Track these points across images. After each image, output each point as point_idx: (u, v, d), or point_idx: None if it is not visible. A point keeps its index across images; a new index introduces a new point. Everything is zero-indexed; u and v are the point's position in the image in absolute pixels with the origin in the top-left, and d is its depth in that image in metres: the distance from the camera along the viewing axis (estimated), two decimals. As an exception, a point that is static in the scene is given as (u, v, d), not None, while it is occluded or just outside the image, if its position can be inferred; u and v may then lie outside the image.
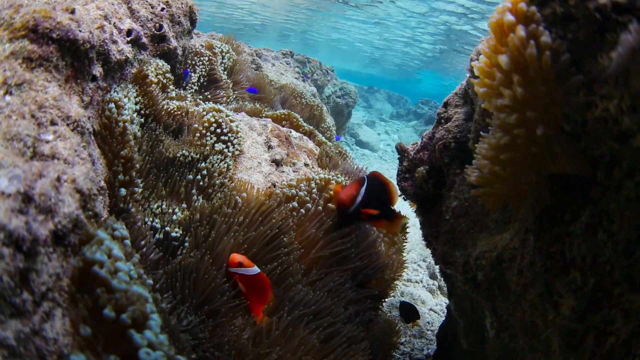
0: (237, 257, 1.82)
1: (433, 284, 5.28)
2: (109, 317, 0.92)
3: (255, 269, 1.82)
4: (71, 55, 1.47)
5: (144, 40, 2.41)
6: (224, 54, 3.86)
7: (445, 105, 2.54)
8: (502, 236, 1.89)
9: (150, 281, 1.14)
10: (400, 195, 2.93)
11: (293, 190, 2.20)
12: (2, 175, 0.90)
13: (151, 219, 1.99)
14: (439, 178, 2.54)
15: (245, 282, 1.83)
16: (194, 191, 2.09)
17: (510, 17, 1.04)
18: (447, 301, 4.78)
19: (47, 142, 1.17)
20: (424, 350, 3.92)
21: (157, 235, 1.96)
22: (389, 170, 11.21)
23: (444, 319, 4.17)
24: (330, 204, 2.24)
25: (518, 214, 1.62)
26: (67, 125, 1.28)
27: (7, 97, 1.19)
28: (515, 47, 1.01)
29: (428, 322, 4.41)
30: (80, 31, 1.45)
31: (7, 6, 1.50)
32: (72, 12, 1.51)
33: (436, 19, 13.55)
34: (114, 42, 1.93)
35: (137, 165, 1.81)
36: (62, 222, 0.95)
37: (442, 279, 5.23)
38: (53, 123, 1.24)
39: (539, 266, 1.43)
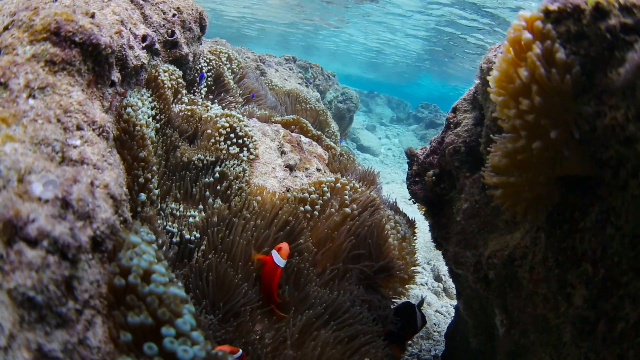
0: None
1: (438, 286, 5.31)
2: (147, 322, 0.92)
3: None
4: (93, 60, 1.48)
5: (157, 46, 2.43)
6: (232, 60, 3.89)
7: (454, 110, 2.58)
8: (512, 236, 1.93)
9: (180, 284, 1.15)
10: (410, 199, 2.96)
11: (307, 194, 2.22)
12: (36, 181, 0.88)
13: (168, 222, 2.01)
14: (449, 181, 2.57)
15: None
16: (207, 193, 2.10)
17: (527, 35, 1.12)
18: (452, 303, 4.80)
19: (75, 147, 1.18)
20: (431, 351, 3.95)
21: (174, 239, 1.97)
22: (390, 175, 11.24)
23: (450, 320, 4.19)
24: (346, 209, 2.26)
25: (530, 214, 1.67)
26: (93, 130, 1.29)
27: (31, 101, 1.19)
28: (533, 62, 1.09)
29: (434, 324, 4.43)
30: (102, 36, 1.47)
31: (22, 8, 1.50)
32: (92, 16, 1.53)
33: (435, 24, 13.63)
34: (131, 47, 1.95)
35: (155, 169, 1.82)
36: (100, 228, 0.96)
37: (446, 281, 5.25)
38: (79, 128, 1.25)
39: (551, 261, 1.50)
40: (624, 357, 1.19)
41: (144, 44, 2.22)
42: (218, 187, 2.11)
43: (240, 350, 1.73)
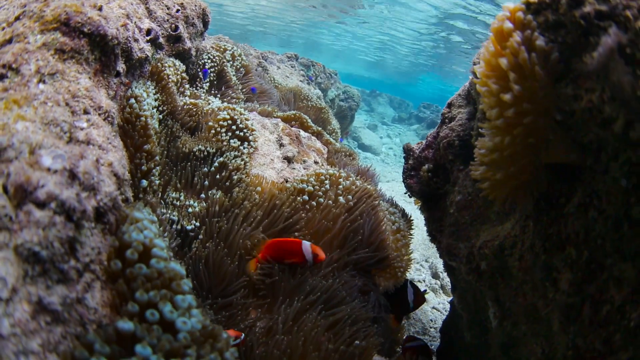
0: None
1: (435, 283, 5.36)
2: (151, 297, 0.99)
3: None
4: (100, 50, 1.56)
5: (161, 40, 2.50)
6: (234, 57, 3.96)
7: (449, 105, 2.64)
8: (503, 226, 1.98)
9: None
10: (405, 193, 3.02)
11: (304, 185, 2.28)
12: (45, 155, 0.96)
13: (169, 211, 2.07)
14: (443, 175, 2.63)
15: None
16: (206, 183, 2.17)
17: (509, 25, 1.18)
18: (450, 300, 4.85)
19: (82, 129, 1.25)
20: (427, 347, 3.96)
21: (174, 227, 2.04)
22: (391, 173, 11.28)
23: (446, 316, 4.25)
24: (340, 198, 2.32)
25: (519, 204, 1.72)
26: (99, 115, 1.37)
27: (41, 85, 1.27)
28: (513, 49, 1.15)
29: (431, 320, 4.47)
30: (109, 27, 1.54)
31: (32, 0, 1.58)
32: (100, 9, 1.60)
33: (437, 23, 13.67)
34: (136, 40, 2.02)
35: (157, 158, 1.89)
36: (103, 200, 1.03)
37: (444, 278, 5.30)
38: (86, 112, 1.32)
39: (538, 247, 1.54)
40: (611, 341, 1.21)
41: (148, 38, 2.29)
42: (218, 177, 2.18)
43: (243, 335, 1.79)
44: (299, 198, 2.22)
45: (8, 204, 0.80)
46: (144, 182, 1.80)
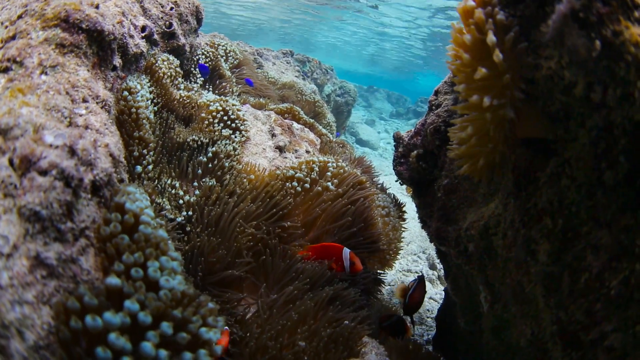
0: None
1: (433, 274, 5.43)
2: (137, 259, 1.07)
3: None
4: (97, 45, 1.65)
5: (156, 36, 2.59)
6: (228, 52, 4.05)
7: (436, 93, 2.71)
8: (488, 207, 2.03)
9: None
10: (397, 181, 3.10)
11: (294, 172, 2.37)
12: (47, 134, 1.07)
13: (163, 199, 2.16)
14: (431, 160, 2.70)
15: None
16: (200, 172, 2.25)
17: (471, 3, 1.25)
18: (444, 289, 4.93)
19: (81, 115, 1.35)
20: (424, 336, 4.01)
21: (168, 215, 2.12)
22: (389, 167, 11.36)
23: (440, 304, 4.32)
24: (329, 185, 2.40)
25: (499, 181, 1.78)
26: (97, 103, 1.46)
27: (43, 76, 1.37)
28: (479, 21, 1.21)
29: (428, 310, 4.53)
30: (105, 24, 1.64)
31: (33, -1, 1.67)
32: (97, 7, 1.70)
33: (434, 18, 13.72)
34: (131, 36, 2.11)
35: (152, 145, 1.98)
36: (99, 175, 1.13)
37: (441, 268, 5.39)
38: (85, 100, 1.42)
39: (517, 223, 1.57)
40: (592, 311, 1.20)
41: (143, 34, 2.38)
42: (210, 166, 2.26)
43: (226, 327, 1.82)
44: (288, 184, 2.30)
45: (13, 174, 0.89)
46: (139, 168, 1.89)
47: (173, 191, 2.18)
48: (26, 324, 0.85)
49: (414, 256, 5.96)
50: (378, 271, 2.83)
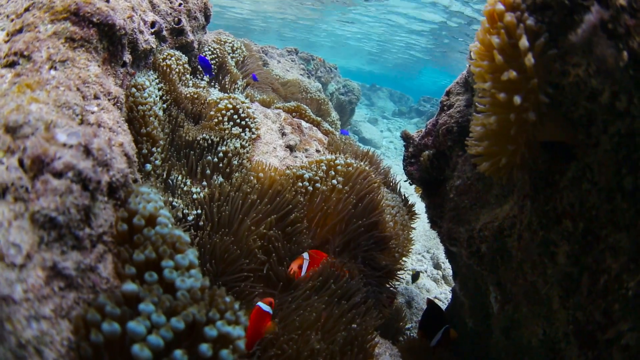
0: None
1: (437, 274, 5.41)
2: (150, 257, 1.03)
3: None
4: (108, 40, 1.60)
5: (164, 32, 2.55)
6: (234, 49, 4.01)
7: (448, 93, 2.67)
8: (502, 208, 2.01)
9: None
10: (406, 181, 3.07)
11: (304, 171, 2.33)
12: (60, 132, 1.00)
13: (173, 198, 2.12)
14: (443, 161, 2.67)
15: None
16: (208, 172, 2.22)
17: (500, 6, 1.24)
18: (451, 288, 4.90)
19: (93, 112, 1.30)
20: (429, 335, 3.98)
21: (178, 214, 2.08)
22: (392, 167, 11.33)
23: (448, 304, 4.29)
24: (339, 185, 2.37)
25: (517, 183, 1.75)
26: (109, 100, 1.42)
27: (52, 72, 1.32)
28: (510, 25, 1.20)
29: (433, 309, 4.51)
30: (117, 18, 1.59)
31: (41, -9, 1.62)
32: (107, 0, 1.65)
33: (437, 16, 13.67)
34: (141, 32, 2.07)
35: (161, 143, 1.94)
36: (115, 176, 1.08)
37: (445, 269, 5.36)
38: (96, 97, 1.37)
39: (535, 224, 1.56)
40: (610, 312, 1.22)
41: (152, 30, 2.34)
42: (221, 165, 2.23)
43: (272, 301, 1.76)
44: (299, 183, 2.27)
45: (24, 176, 0.84)
46: (148, 166, 1.86)
47: (185, 187, 2.15)
48: (45, 341, 0.78)
49: (418, 255, 5.94)
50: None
